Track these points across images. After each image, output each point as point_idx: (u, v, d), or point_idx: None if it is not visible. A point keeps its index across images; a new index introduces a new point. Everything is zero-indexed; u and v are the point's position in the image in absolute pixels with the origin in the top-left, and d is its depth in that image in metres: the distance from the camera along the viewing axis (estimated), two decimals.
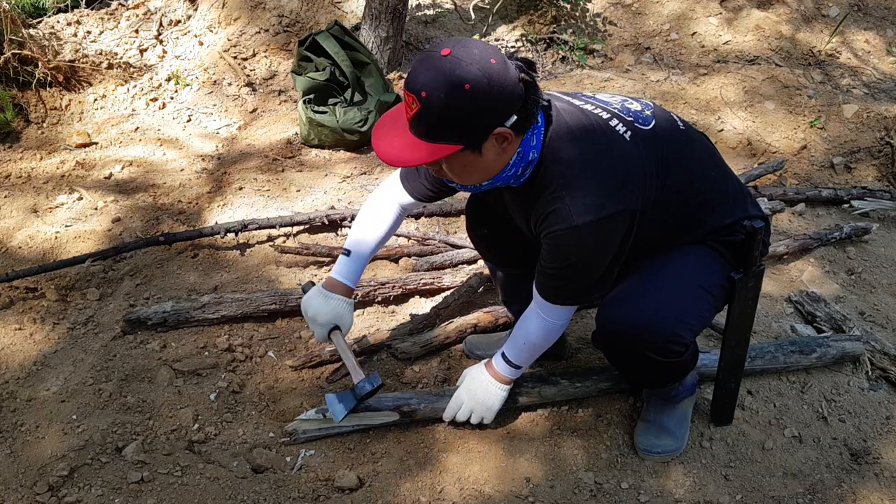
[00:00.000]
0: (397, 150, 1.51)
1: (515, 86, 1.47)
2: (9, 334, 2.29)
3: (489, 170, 1.57)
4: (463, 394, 2.00)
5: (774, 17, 4.55)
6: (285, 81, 3.84)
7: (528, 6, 4.57)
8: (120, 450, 1.91)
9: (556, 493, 1.93)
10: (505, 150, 1.54)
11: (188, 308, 2.31)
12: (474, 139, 1.49)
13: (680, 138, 1.75)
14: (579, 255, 1.63)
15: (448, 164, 1.56)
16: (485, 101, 1.43)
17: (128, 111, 3.70)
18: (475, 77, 1.40)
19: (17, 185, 3.10)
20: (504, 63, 1.45)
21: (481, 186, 1.65)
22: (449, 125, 1.46)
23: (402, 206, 1.99)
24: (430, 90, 1.41)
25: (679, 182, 1.70)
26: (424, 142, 1.48)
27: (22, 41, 3.56)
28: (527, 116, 1.52)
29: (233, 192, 3.03)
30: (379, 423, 2.02)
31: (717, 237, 1.79)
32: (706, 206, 1.76)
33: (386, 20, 3.79)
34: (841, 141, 3.69)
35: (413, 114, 1.46)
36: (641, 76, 4.10)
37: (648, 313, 1.71)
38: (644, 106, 1.74)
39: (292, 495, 1.86)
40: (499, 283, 2.21)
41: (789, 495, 1.97)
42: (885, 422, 2.20)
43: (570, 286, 1.72)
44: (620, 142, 1.62)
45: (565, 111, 1.64)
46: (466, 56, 1.41)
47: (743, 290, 1.84)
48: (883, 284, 2.83)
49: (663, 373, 1.87)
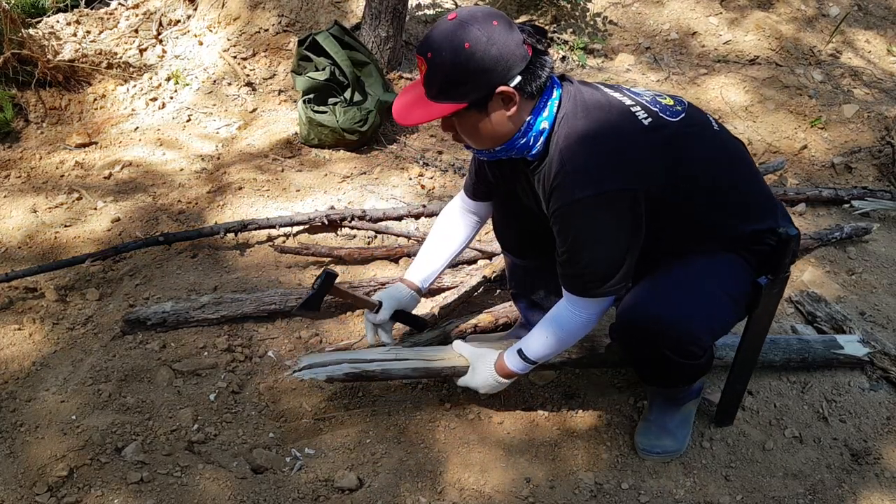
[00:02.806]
0: (407, 109, 1.62)
1: (518, 46, 1.54)
2: (8, 334, 2.29)
3: (497, 132, 1.63)
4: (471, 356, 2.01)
5: (775, 17, 4.55)
6: (285, 81, 3.84)
7: (528, 6, 4.57)
8: (120, 450, 1.91)
9: (556, 494, 1.92)
10: (511, 111, 1.59)
11: (188, 308, 2.31)
12: (478, 97, 1.56)
13: (710, 138, 1.74)
14: (584, 233, 1.63)
15: (459, 125, 1.64)
16: (484, 59, 1.51)
17: (128, 111, 3.70)
18: (475, 36, 1.50)
19: (17, 185, 3.09)
20: (507, 25, 1.54)
21: (496, 152, 1.69)
22: (453, 83, 1.55)
23: (474, 214, 2.07)
24: (435, 50, 1.53)
25: (699, 178, 1.68)
26: (433, 102, 1.58)
27: (21, 41, 3.55)
28: (531, 78, 1.57)
29: (233, 192, 3.03)
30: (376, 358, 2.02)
31: (746, 245, 1.77)
32: (734, 211, 1.75)
33: (386, 20, 3.79)
34: (841, 141, 3.69)
35: (423, 75, 1.57)
36: (641, 76, 4.10)
37: (675, 312, 1.70)
38: (677, 102, 1.73)
39: (292, 495, 1.86)
40: (511, 273, 2.20)
41: (790, 496, 1.97)
42: (885, 422, 2.20)
43: (586, 272, 1.68)
44: (637, 126, 1.62)
45: (586, 91, 1.67)
46: (469, 18, 1.52)
47: (767, 296, 1.82)
48: (883, 284, 2.82)
49: (678, 373, 1.85)
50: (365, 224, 2.82)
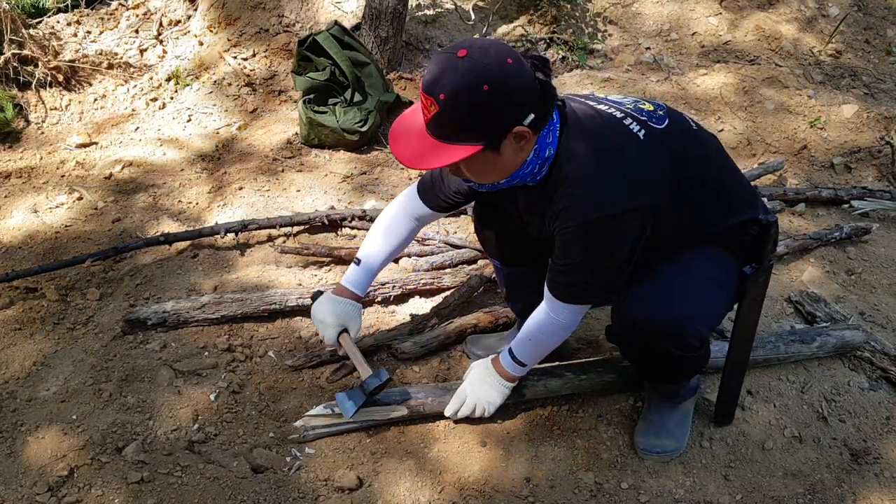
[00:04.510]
0: (417, 154, 1.52)
1: (532, 84, 1.49)
2: (9, 334, 2.29)
3: (507, 168, 1.59)
4: (467, 388, 2.01)
5: (774, 17, 4.55)
6: (285, 81, 3.84)
7: (528, 6, 4.57)
8: (120, 450, 1.91)
9: (556, 494, 1.93)
10: (523, 149, 1.56)
11: (188, 308, 2.31)
12: (493, 139, 1.50)
13: (693, 139, 1.75)
14: (591, 251, 1.64)
15: (466, 165, 1.57)
16: (503, 102, 1.45)
17: (128, 111, 3.70)
18: (493, 78, 1.42)
19: (17, 185, 3.10)
20: (520, 62, 1.47)
21: (499, 185, 1.66)
22: (468, 126, 1.47)
23: (417, 219, 2.02)
24: (449, 92, 1.43)
25: (693, 181, 1.70)
26: (444, 143, 1.50)
27: (22, 41, 3.56)
28: (543, 114, 1.53)
29: (233, 192, 3.03)
30: (387, 419, 2.03)
31: (732, 237, 1.80)
32: (720, 207, 1.77)
33: (386, 20, 3.79)
34: (841, 141, 3.69)
35: (432, 116, 1.47)
36: (641, 76, 4.10)
37: (672, 308, 1.72)
38: (657, 106, 1.74)
39: (292, 495, 1.86)
40: (503, 280, 2.21)
41: (789, 495, 1.97)
42: (885, 422, 2.20)
43: (582, 284, 1.72)
44: (634, 140, 1.62)
45: (580, 110, 1.65)
46: (483, 57, 1.42)
47: (754, 285, 1.85)
48: (883, 284, 2.82)
49: (678, 367, 1.87)
50: (365, 224, 2.82)
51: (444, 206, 1.97)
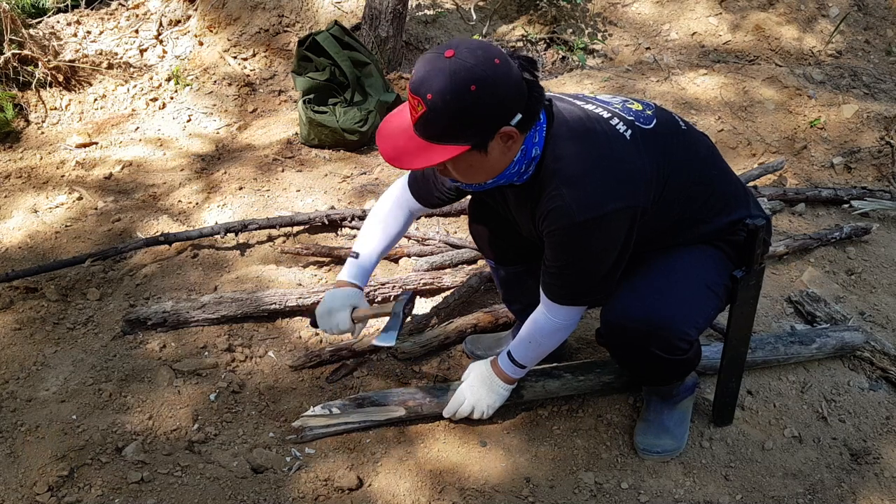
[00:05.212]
0: (404, 153, 1.52)
1: (519, 85, 1.48)
2: (9, 334, 2.29)
3: (494, 168, 1.59)
4: (466, 390, 2.00)
5: (774, 17, 4.55)
6: (285, 81, 3.85)
7: (528, 6, 4.57)
8: (120, 450, 1.91)
9: (556, 494, 1.93)
10: (510, 149, 1.55)
11: (188, 308, 2.31)
12: (480, 139, 1.50)
13: (682, 138, 1.75)
14: (582, 252, 1.64)
15: (453, 164, 1.56)
16: (490, 102, 1.44)
17: (128, 111, 3.70)
18: (480, 78, 1.41)
19: (17, 185, 3.10)
20: (507, 62, 1.46)
21: (486, 185, 1.66)
22: (455, 127, 1.46)
23: (410, 211, 2.01)
24: (436, 92, 1.42)
25: (681, 181, 1.70)
26: (431, 143, 1.49)
27: (22, 41, 3.56)
28: (531, 115, 1.53)
29: (233, 192, 3.03)
30: (386, 419, 2.02)
31: (721, 236, 1.80)
32: (709, 206, 1.77)
33: (386, 20, 3.79)
34: (841, 141, 3.69)
35: (419, 116, 1.47)
36: (641, 76, 4.10)
37: (657, 310, 1.72)
38: (645, 106, 1.74)
39: (292, 495, 1.86)
40: (500, 281, 2.21)
41: (789, 495, 1.97)
42: (885, 422, 2.20)
43: (575, 285, 1.72)
44: (621, 140, 1.62)
45: (566, 110, 1.65)
46: (470, 57, 1.42)
47: (745, 288, 1.85)
48: (883, 284, 2.82)
49: (667, 370, 1.88)
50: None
51: (436, 203, 1.97)
